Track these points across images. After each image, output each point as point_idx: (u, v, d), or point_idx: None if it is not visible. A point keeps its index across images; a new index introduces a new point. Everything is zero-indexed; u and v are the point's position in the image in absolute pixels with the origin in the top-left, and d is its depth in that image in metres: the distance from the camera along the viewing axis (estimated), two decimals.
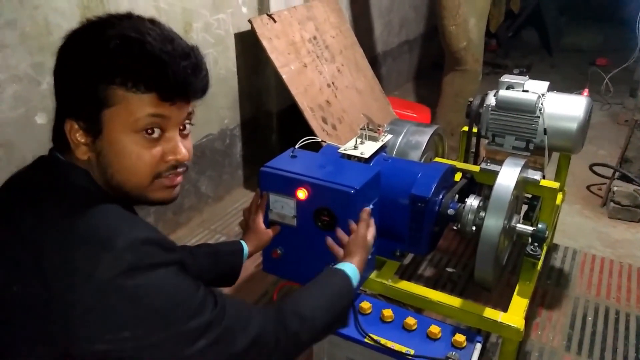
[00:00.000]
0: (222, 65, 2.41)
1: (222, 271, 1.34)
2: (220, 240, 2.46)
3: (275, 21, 2.54)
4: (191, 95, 0.84)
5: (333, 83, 2.75)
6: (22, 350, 0.79)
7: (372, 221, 1.38)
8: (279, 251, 1.52)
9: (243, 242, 1.41)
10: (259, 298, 2.10)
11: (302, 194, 1.41)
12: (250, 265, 2.24)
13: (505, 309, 1.56)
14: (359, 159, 1.64)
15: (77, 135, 0.81)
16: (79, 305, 0.73)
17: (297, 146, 1.59)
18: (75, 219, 0.77)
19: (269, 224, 1.51)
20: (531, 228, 1.57)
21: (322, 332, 1.05)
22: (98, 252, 0.74)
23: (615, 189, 2.83)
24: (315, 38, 2.76)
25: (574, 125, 1.87)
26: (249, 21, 2.45)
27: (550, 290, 2.20)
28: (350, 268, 1.20)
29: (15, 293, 0.76)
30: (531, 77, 1.99)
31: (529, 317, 1.98)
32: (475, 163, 2.18)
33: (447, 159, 2.24)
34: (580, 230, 2.70)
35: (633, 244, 2.59)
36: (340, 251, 1.34)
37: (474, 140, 2.14)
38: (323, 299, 1.08)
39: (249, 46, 2.61)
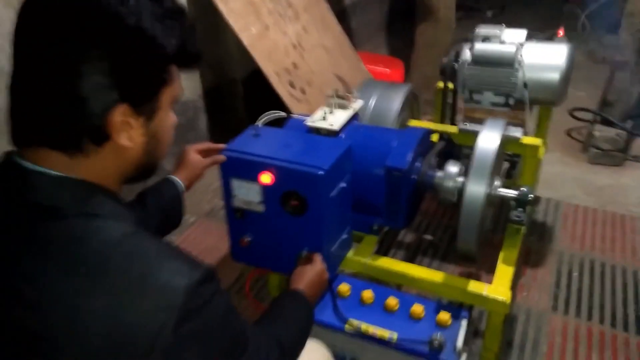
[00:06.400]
0: None
1: (168, 220, 1.30)
2: (191, 220, 2.34)
3: None
4: None
5: (299, 43, 2.58)
6: None
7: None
8: (247, 239, 1.41)
9: (177, 181, 1.32)
10: (234, 283, 2.01)
11: (266, 178, 1.30)
12: (224, 247, 2.14)
13: (487, 269, 1.48)
14: (329, 131, 1.51)
15: (131, 120, 0.74)
16: None
17: (259, 123, 1.46)
18: (107, 265, 0.68)
19: (233, 211, 1.39)
20: (515, 192, 1.48)
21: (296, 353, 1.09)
22: (155, 308, 0.67)
23: (596, 133, 2.76)
24: None
25: (556, 76, 1.77)
26: None
27: (534, 246, 2.15)
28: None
29: None
30: (505, 18, 1.87)
31: (514, 278, 1.93)
32: (452, 121, 2.07)
33: (423, 114, 2.13)
34: (561, 179, 2.64)
35: (615, 189, 2.55)
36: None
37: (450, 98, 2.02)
38: (296, 327, 1.12)
39: (204, 10, 2.40)
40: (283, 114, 1.50)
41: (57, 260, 0.68)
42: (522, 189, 1.47)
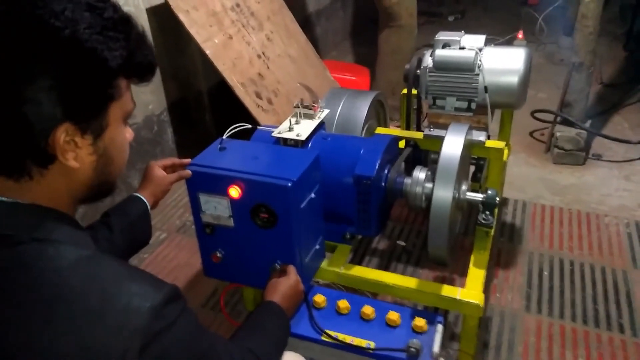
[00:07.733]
0: None
1: (135, 238, 1.27)
2: (162, 237, 2.29)
3: None
4: None
5: (264, 53, 2.57)
6: None
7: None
8: (218, 254, 1.39)
9: (142, 198, 1.28)
10: (209, 298, 1.97)
11: (234, 192, 1.28)
12: (197, 263, 2.10)
13: (460, 273, 1.49)
14: (296, 141, 1.51)
15: (77, 139, 0.70)
16: None
17: (225, 136, 1.44)
18: (62, 292, 0.65)
19: (203, 227, 1.37)
20: (481, 195, 1.50)
21: None
22: (118, 332, 0.65)
23: (558, 134, 2.82)
24: (238, 5, 2.54)
25: (515, 80, 1.79)
26: None
27: (504, 247, 2.17)
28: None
29: None
30: (466, 23, 1.90)
31: (487, 280, 1.95)
32: (418, 127, 2.09)
33: (390, 120, 2.14)
34: (527, 180, 2.68)
35: (579, 188, 2.61)
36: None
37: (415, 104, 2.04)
38: (272, 338, 1.13)
39: (165, 21, 2.37)
40: (249, 126, 1.48)
41: (8, 291, 0.65)
42: (488, 192, 1.49)
